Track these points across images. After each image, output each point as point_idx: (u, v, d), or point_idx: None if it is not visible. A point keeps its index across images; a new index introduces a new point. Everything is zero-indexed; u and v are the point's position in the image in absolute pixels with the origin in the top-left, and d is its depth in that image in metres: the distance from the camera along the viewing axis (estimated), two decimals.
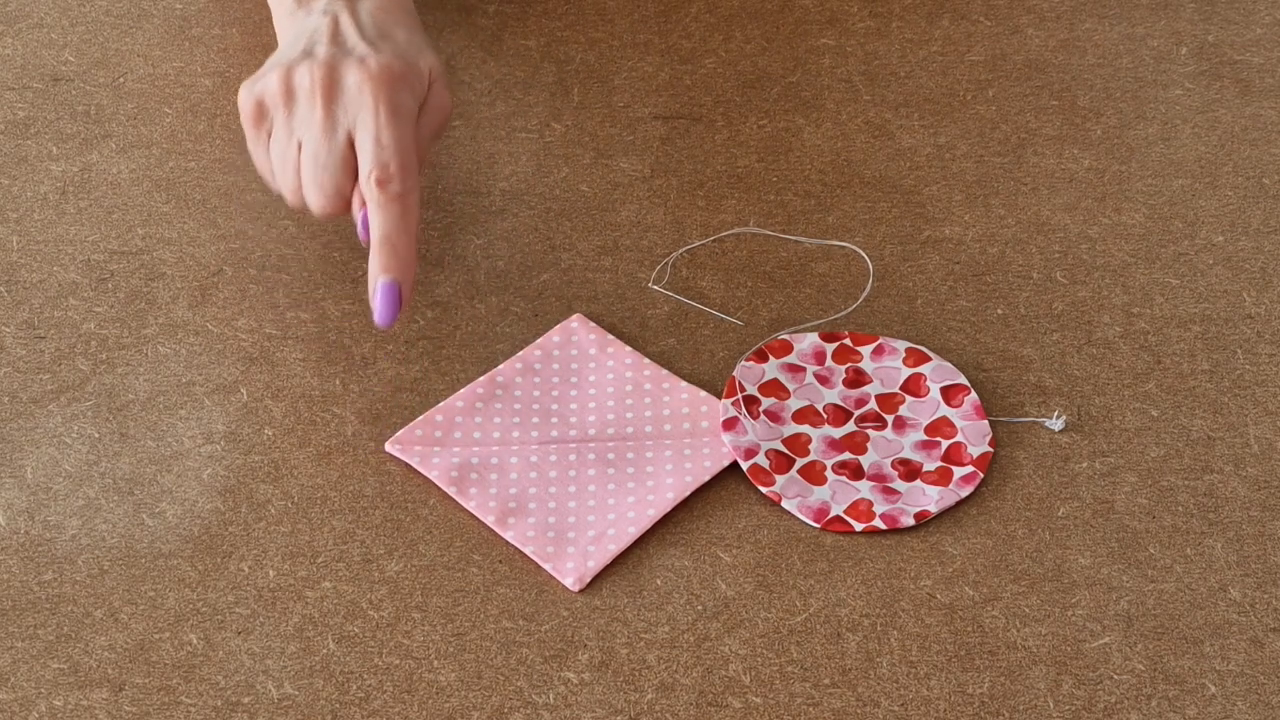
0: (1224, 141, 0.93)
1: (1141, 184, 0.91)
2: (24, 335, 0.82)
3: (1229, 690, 0.68)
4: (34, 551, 0.73)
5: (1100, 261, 0.86)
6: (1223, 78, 0.97)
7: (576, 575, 0.72)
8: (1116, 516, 0.75)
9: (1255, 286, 0.85)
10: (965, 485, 0.76)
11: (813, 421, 0.79)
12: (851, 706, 0.68)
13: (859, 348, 0.82)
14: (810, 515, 0.74)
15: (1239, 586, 0.72)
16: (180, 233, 0.88)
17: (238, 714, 0.67)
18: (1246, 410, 0.79)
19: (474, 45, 0.99)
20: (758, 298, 0.84)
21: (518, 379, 0.80)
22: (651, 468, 0.76)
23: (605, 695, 0.68)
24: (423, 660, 0.69)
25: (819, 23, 1.01)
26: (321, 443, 0.78)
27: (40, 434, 0.78)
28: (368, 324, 0.82)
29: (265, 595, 0.72)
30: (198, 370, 0.80)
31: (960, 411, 0.79)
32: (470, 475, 0.76)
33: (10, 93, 0.96)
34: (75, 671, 0.69)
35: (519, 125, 0.94)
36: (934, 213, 0.89)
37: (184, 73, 0.97)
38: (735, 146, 0.93)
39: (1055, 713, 0.68)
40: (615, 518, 0.74)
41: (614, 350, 0.82)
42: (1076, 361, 0.81)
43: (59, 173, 0.91)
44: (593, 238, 0.88)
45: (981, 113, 0.95)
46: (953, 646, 0.70)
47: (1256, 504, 0.75)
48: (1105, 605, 0.71)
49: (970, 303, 0.84)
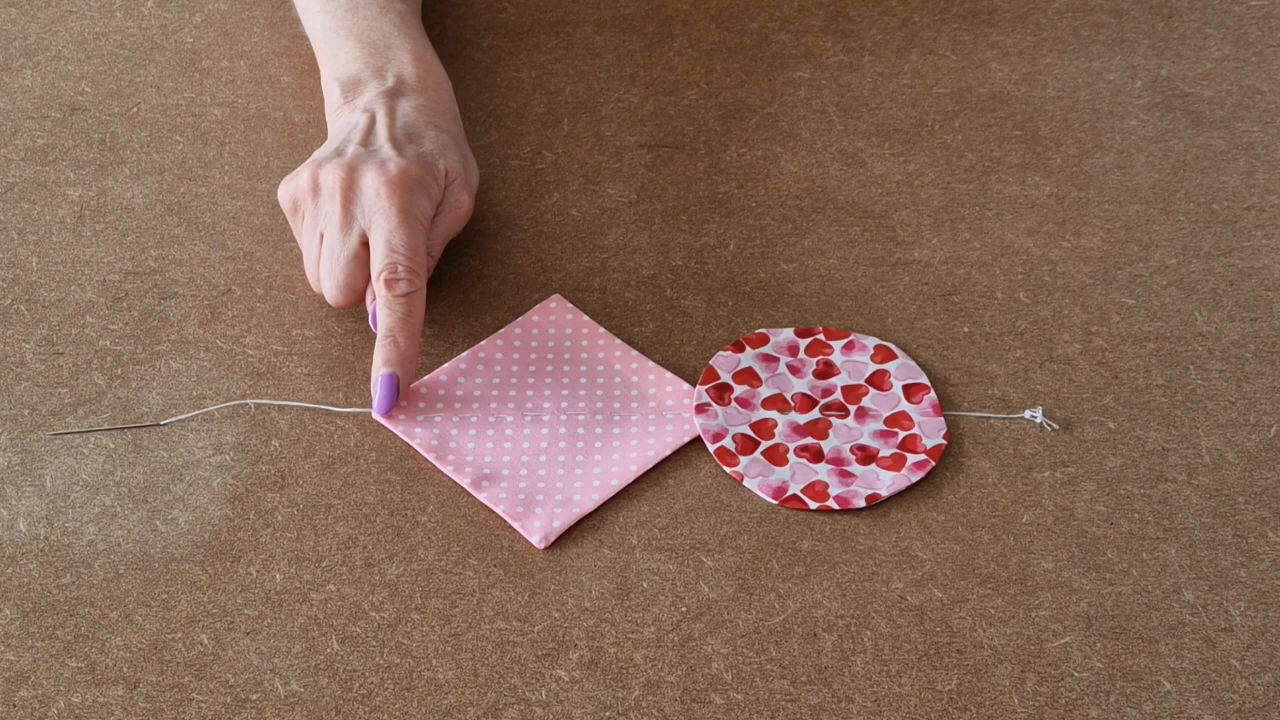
0: (1176, 169, 0.94)
1: (1099, 209, 0.91)
2: (43, 351, 0.82)
3: (1183, 687, 0.69)
4: (53, 556, 0.73)
5: (1061, 283, 0.87)
6: (1175, 109, 0.98)
7: (543, 534, 0.74)
8: (1076, 523, 0.75)
9: (1206, 306, 0.86)
10: (917, 471, 0.77)
11: (780, 408, 0.80)
12: (827, 703, 0.68)
13: (831, 342, 0.83)
14: (769, 493, 0.76)
15: (1192, 589, 0.73)
16: (191, 254, 0.88)
17: (246, 710, 0.67)
18: (1199, 423, 0.80)
19: (469, 77, 0.99)
20: (738, 316, 0.85)
21: (498, 355, 0.82)
22: (618, 442, 0.78)
23: (594, 692, 0.69)
24: (422, 659, 0.70)
25: (795, 57, 1.02)
26: (326, 453, 0.78)
27: (59, 445, 0.78)
28: (369, 340, 0.82)
29: (272, 597, 0.72)
30: (208, 384, 0.81)
31: (919, 408, 0.80)
32: (450, 444, 0.78)
33: (30, 121, 0.96)
34: (92, 670, 0.69)
35: (511, 153, 0.95)
36: (904, 236, 0.89)
37: (194, 103, 0.98)
38: (716, 173, 0.93)
39: (1020, 708, 0.68)
40: (582, 485, 0.76)
41: (589, 331, 0.83)
42: (1039, 376, 0.82)
43: (76, 197, 0.91)
44: (581, 259, 0.88)
45: (948, 142, 0.96)
46: (923, 646, 0.70)
47: (1208, 511, 0.76)
48: (1066, 607, 0.72)
49: (938, 321, 0.85)
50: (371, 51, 0.87)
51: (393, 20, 0.89)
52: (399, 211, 0.78)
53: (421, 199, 0.80)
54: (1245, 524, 0.75)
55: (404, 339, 0.78)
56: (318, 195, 0.80)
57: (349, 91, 0.86)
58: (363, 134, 0.82)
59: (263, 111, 0.97)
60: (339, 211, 0.79)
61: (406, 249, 0.78)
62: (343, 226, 0.79)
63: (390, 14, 0.89)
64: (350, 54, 0.88)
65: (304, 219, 0.81)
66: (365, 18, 0.89)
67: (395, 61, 0.87)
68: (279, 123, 0.96)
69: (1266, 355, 0.83)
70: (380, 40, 0.88)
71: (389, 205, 0.78)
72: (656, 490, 0.77)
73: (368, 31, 0.88)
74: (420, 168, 0.80)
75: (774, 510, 0.76)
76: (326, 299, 0.81)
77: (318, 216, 0.80)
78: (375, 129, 0.82)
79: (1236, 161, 0.94)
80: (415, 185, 0.80)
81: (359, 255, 0.79)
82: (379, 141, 0.82)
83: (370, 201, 0.79)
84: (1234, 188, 0.92)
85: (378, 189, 0.79)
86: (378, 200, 0.79)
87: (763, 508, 0.76)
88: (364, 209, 0.79)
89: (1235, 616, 0.71)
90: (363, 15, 0.89)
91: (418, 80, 0.86)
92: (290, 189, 0.81)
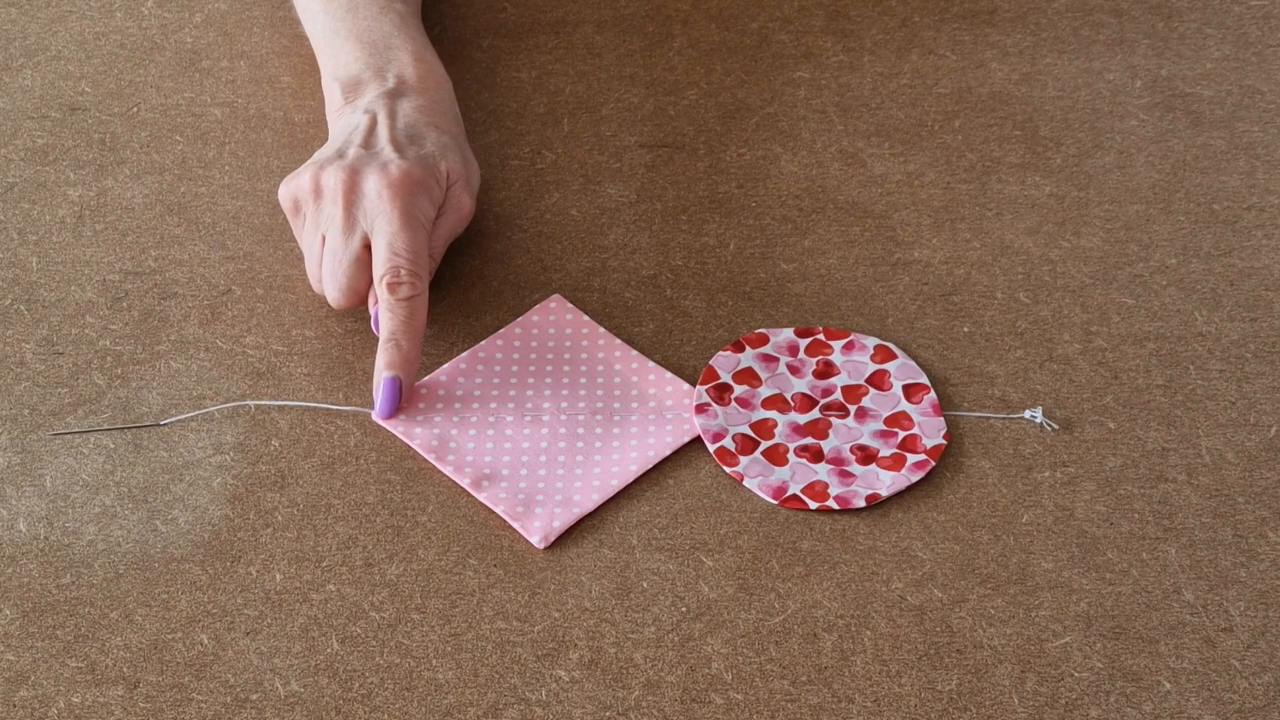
0: (1176, 169, 0.94)
1: (1099, 209, 0.91)
2: (43, 351, 0.82)
3: (1183, 687, 0.69)
4: (53, 556, 0.73)
5: (1061, 283, 0.87)
6: (1175, 109, 0.98)
7: (542, 534, 0.74)
8: (1076, 523, 0.75)
9: (1206, 306, 0.85)
10: (917, 471, 0.76)
11: (780, 408, 0.80)
12: (827, 703, 0.68)
13: (831, 342, 0.83)
14: (769, 493, 0.76)
15: (1192, 589, 0.72)
16: (191, 254, 0.88)
17: (246, 710, 0.67)
18: (1198, 423, 0.80)
19: (469, 77, 0.99)
20: (738, 316, 0.85)
21: (498, 355, 0.82)
22: (618, 442, 0.78)
23: (594, 692, 0.68)
24: (422, 659, 0.69)
25: (795, 57, 1.02)
26: (326, 453, 0.78)
27: (59, 445, 0.78)
28: (369, 341, 0.82)
29: (272, 598, 0.72)
30: (208, 384, 0.80)
31: (919, 408, 0.79)
32: (450, 444, 0.77)
33: (30, 121, 0.96)
34: (92, 670, 0.69)
35: (511, 153, 0.94)
36: (904, 236, 0.89)
37: (194, 103, 0.98)
38: (716, 174, 0.93)
39: (1020, 709, 0.68)
40: (582, 485, 0.76)
41: (589, 331, 0.83)
42: (1039, 376, 0.82)
43: (76, 197, 0.91)
44: (581, 259, 0.88)
45: (948, 142, 0.96)
46: (923, 646, 0.70)
47: (1208, 511, 0.76)
48: (1066, 607, 0.72)
49: (938, 321, 0.85)
50: (372, 52, 0.87)
51: (393, 20, 0.89)
52: (401, 214, 0.78)
53: (423, 201, 0.80)
54: (1245, 524, 0.75)
55: (406, 342, 0.78)
56: (319, 197, 0.80)
57: (350, 92, 0.86)
58: (364, 135, 0.82)
59: (263, 111, 0.97)
60: (341, 214, 0.79)
61: (409, 252, 0.78)
62: (345, 229, 0.79)
63: (390, 14, 0.89)
64: (351, 54, 0.88)
65: (305, 221, 0.81)
66: (365, 18, 0.89)
67: (396, 62, 0.87)
68: (279, 123, 0.96)
69: (1266, 355, 0.83)
70: (380, 41, 0.88)
71: (391, 208, 0.78)
72: (656, 490, 0.77)
73: (368, 32, 0.88)
74: (422, 170, 0.80)
75: (774, 510, 0.76)
76: (328, 301, 0.81)
77: (319, 219, 0.80)
78: (376, 130, 0.82)
79: (1236, 161, 0.94)
80: (417, 187, 0.79)
81: (361, 258, 0.79)
82: (380, 143, 0.81)
83: (372, 204, 0.79)
84: (1234, 188, 0.92)
85: (379, 192, 0.78)
86: (380, 203, 0.78)
87: (763, 508, 0.76)
88: (366, 212, 0.79)
89: (1235, 616, 0.71)
90: (363, 16, 0.89)
91: (418, 80, 0.86)
92: (291, 189, 0.81)
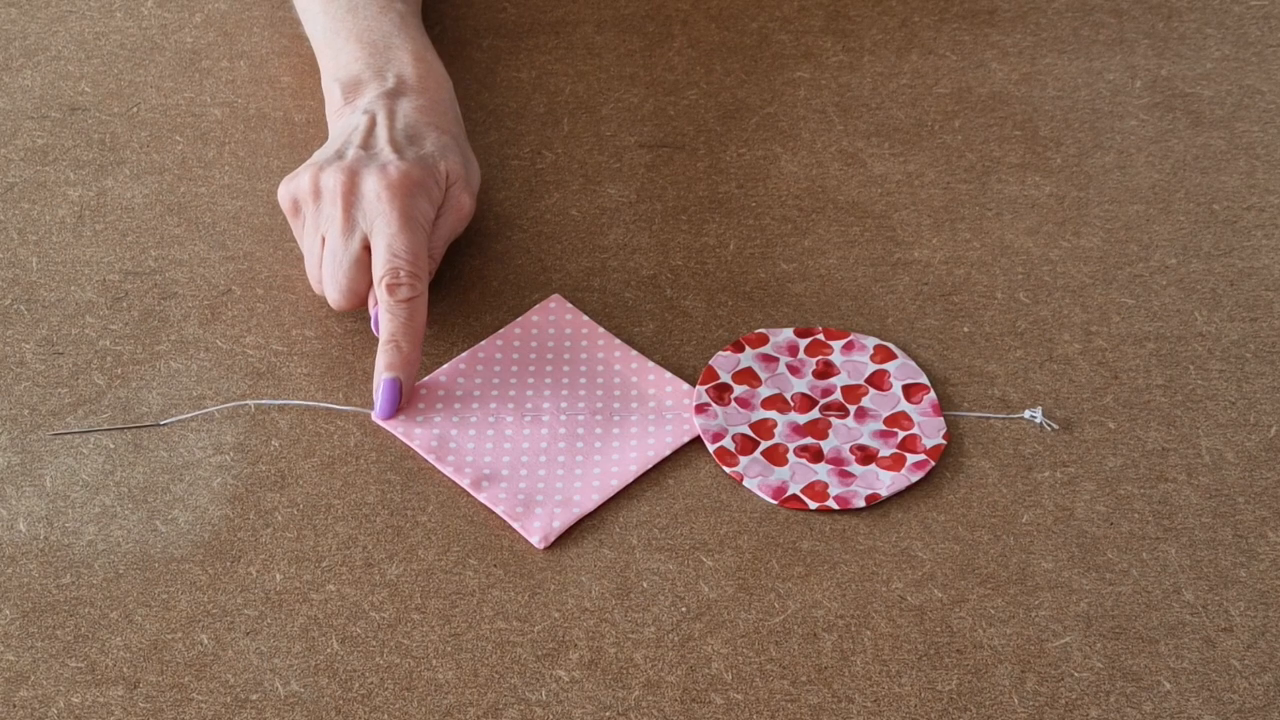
0: (1176, 169, 0.94)
1: (1099, 209, 0.91)
2: (43, 351, 0.82)
3: (1183, 687, 0.69)
4: (53, 556, 0.73)
5: (1060, 283, 0.87)
6: (1175, 109, 0.98)
7: (542, 534, 0.74)
8: (1076, 523, 0.75)
9: (1206, 306, 0.85)
10: (916, 471, 0.76)
11: (780, 408, 0.79)
12: (827, 703, 0.68)
13: (831, 342, 0.82)
14: (769, 493, 0.75)
15: (1192, 589, 0.72)
16: (191, 254, 0.87)
17: (246, 710, 0.67)
18: (1198, 423, 0.80)
19: (469, 77, 0.99)
20: (738, 316, 0.84)
21: (498, 355, 0.82)
22: (618, 442, 0.78)
23: (594, 692, 0.68)
24: (422, 659, 0.69)
25: (794, 57, 1.02)
26: (325, 453, 0.78)
27: (59, 445, 0.78)
28: (369, 341, 0.82)
29: (272, 598, 0.71)
30: (208, 384, 0.80)
31: (919, 408, 0.79)
32: (449, 445, 0.77)
33: (30, 122, 0.96)
34: (92, 670, 0.69)
35: (511, 153, 0.94)
36: (904, 236, 0.89)
37: (194, 103, 0.97)
38: (716, 174, 0.93)
39: (1020, 709, 0.68)
40: (581, 485, 0.76)
41: (589, 331, 0.83)
42: (1038, 376, 0.82)
43: (76, 197, 0.91)
44: (581, 259, 0.88)
45: (948, 142, 0.95)
46: (922, 646, 0.70)
47: (1208, 511, 0.76)
48: (1066, 607, 0.72)
49: (938, 321, 0.84)
50: (372, 52, 0.87)
51: (393, 20, 0.89)
52: (400, 215, 0.78)
53: (423, 202, 0.80)
54: (1245, 524, 0.75)
55: (406, 344, 0.78)
56: (319, 198, 0.80)
57: (349, 92, 0.86)
58: (363, 136, 0.82)
59: (263, 111, 0.97)
60: (340, 215, 0.79)
61: (408, 253, 0.78)
62: (344, 231, 0.79)
63: (390, 14, 0.89)
64: (350, 55, 0.87)
65: (305, 221, 0.81)
66: (365, 18, 0.89)
67: (396, 62, 0.87)
68: (279, 123, 0.96)
69: (1266, 355, 0.83)
70: (380, 41, 0.88)
71: (390, 209, 0.78)
72: (656, 490, 0.76)
73: (368, 32, 0.88)
74: (421, 170, 0.80)
75: (774, 510, 0.75)
76: (329, 302, 0.81)
77: (319, 220, 0.80)
78: (376, 131, 0.82)
79: (1236, 161, 0.94)
80: (416, 188, 0.79)
81: (361, 259, 0.79)
82: (380, 144, 0.81)
83: (372, 205, 0.78)
84: (1234, 188, 0.92)
85: (379, 193, 0.78)
86: (379, 204, 0.78)
87: (763, 508, 0.75)
88: (365, 213, 0.79)
89: (1235, 616, 0.71)
90: (363, 16, 0.89)
91: (418, 80, 0.86)
92: (290, 190, 0.81)
